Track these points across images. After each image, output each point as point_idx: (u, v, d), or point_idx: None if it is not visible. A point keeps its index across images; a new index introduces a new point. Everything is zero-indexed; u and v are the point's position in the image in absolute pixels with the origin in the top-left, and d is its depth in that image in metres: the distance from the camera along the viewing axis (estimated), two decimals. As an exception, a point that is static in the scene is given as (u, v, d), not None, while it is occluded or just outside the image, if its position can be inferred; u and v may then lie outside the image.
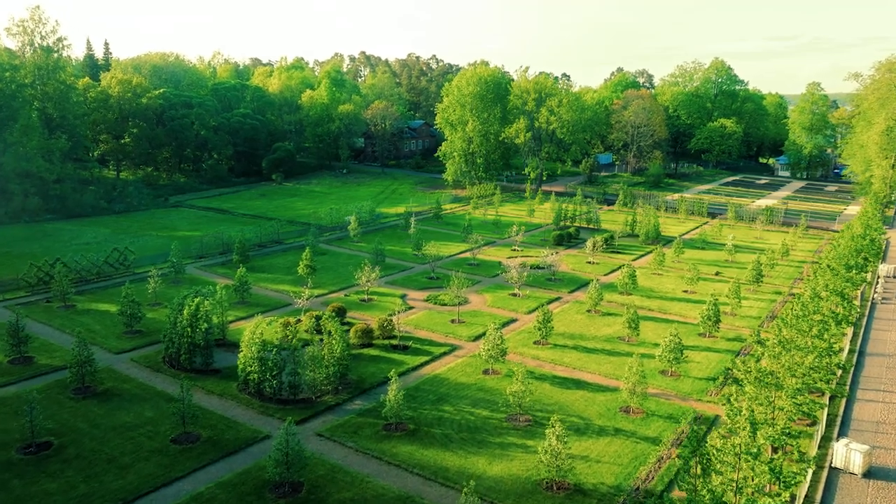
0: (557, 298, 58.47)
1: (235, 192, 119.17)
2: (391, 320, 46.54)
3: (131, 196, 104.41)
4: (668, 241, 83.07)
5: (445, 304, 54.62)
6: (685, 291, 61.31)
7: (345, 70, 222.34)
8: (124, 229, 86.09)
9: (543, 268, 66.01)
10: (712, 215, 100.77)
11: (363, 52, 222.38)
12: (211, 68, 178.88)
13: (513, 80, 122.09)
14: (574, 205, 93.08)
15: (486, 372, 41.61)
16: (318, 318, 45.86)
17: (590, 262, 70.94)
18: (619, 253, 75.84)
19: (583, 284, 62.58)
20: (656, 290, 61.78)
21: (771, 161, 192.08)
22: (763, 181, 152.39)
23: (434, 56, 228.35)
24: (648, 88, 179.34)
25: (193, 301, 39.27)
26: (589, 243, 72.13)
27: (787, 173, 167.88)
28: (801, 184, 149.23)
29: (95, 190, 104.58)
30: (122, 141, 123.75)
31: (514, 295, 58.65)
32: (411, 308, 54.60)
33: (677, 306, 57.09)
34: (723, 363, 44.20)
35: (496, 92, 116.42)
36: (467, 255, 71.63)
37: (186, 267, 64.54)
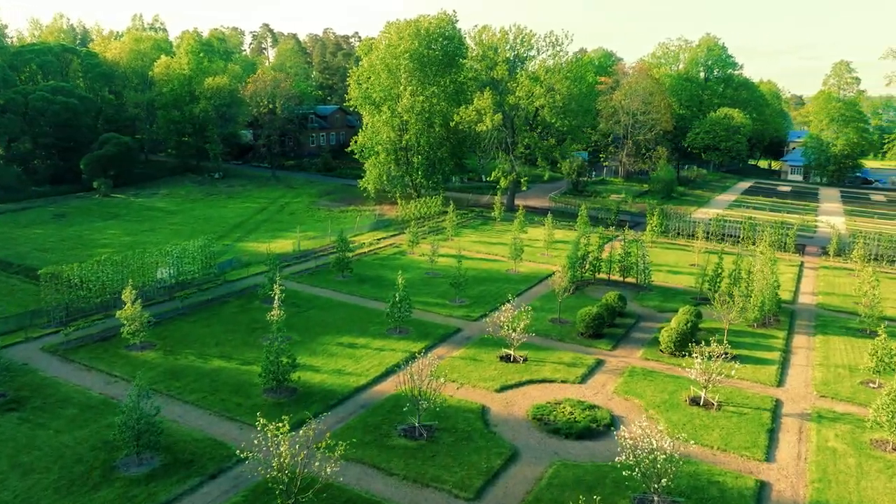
0: None
1: (18, 211, 72.29)
2: None
3: None
4: (786, 313, 43.06)
5: None
6: None
7: (247, 50, 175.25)
8: None
9: (599, 430, 23.90)
10: (800, 248, 61.99)
11: (266, 25, 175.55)
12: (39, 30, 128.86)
13: (466, 38, 79.52)
14: (598, 237, 51.51)
15: None
16: None
17: (700, 404, 29.36)
18: (734, 359, 34.61)
19: (752, 526, 21.07)
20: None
21: (774, 164, 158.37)
22: (785, 188, 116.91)
23: (357, 33, 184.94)
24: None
25: None
26: (671, 346, 30.66)
27: (800, 177, 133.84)
28: (834, 191, 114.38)
29: None
30: None
31: None
32: None
33: None
34: None
35: (445, 53, 74.05)
36: (398, 385, 28.10)
37: None
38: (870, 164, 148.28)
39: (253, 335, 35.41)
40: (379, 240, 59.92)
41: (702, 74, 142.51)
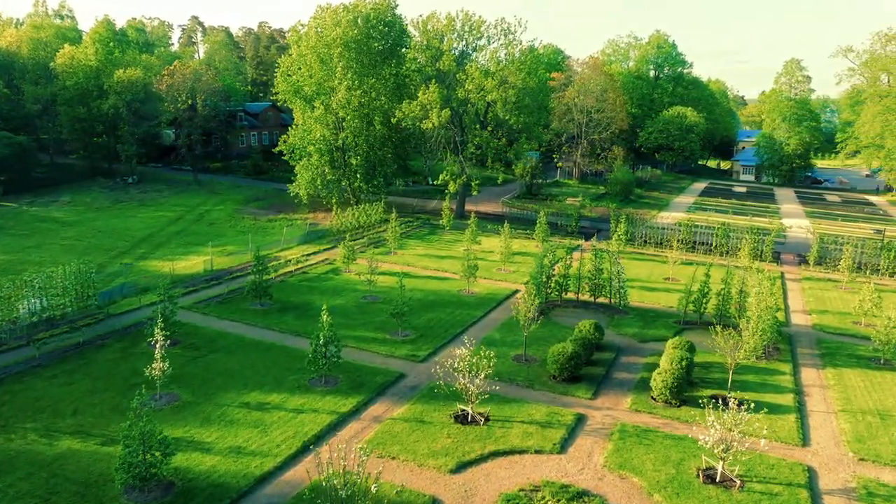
0: None
1: None
2: None
3: None
4: (784, 339, 37.12)
5: None
6: None
7: (176, 45, 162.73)
8: None
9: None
10: (775, 256, 56.75)
11: (195, 17, 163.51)
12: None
13: (409, 27, 71.63)
14: (564, 251, 44.32)
15: None
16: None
17: (717, 480, 22.37)
18: (742, 404, 27.93)
19: None
20: None
21: (724, 163, 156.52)
22: (740, 189, 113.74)
23: (294, 25, 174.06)
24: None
25: None
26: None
27: (751, 177, 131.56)
28: (789, 192, 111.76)
29: None
30: None
31: None
32: None
33: None
34: None
35: (386, 42, 66.22)
36: (315, 472, 20.36)
37: None
38: (815, 163, 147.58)
39: (128, 395, 26.72)
40: (309, 255, 51.52)
41: (652, 73, 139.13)
